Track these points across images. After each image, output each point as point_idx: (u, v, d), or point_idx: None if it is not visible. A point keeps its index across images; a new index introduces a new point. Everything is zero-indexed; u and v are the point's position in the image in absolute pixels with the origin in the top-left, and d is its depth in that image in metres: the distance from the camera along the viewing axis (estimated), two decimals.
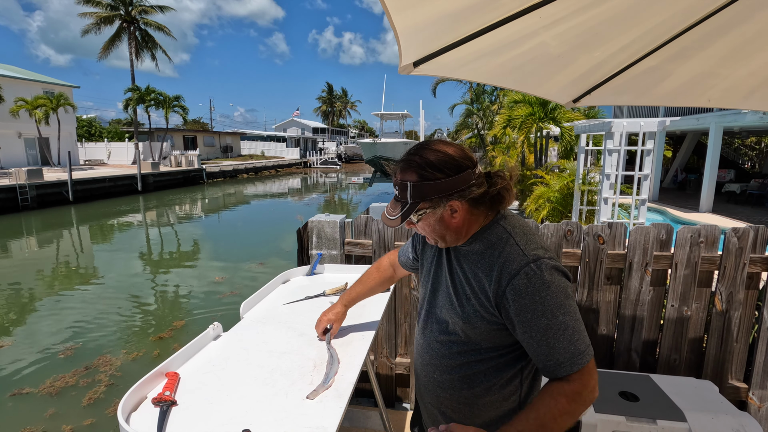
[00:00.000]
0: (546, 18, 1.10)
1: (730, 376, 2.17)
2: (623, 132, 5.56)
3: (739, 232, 2.04)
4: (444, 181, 0.96)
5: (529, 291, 0.91)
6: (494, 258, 0.98)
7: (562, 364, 0.91)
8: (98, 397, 4.56)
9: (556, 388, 0.91)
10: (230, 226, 16.45)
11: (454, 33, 1.13)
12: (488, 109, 26.44)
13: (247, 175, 36.48)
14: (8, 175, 19.16)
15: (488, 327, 1.00)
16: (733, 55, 1.40)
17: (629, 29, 1.27)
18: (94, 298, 7.91)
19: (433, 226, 1.02)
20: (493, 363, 1.05)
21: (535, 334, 0.92)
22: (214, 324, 1.47)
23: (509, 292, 0.93)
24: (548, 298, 0.91)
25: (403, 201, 0.99)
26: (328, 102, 69.59)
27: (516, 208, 13.46)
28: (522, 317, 0.92)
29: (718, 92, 1.62)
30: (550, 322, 0.90)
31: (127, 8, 31.14)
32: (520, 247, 0.97)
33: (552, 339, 0.91)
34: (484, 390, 1.06)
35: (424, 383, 1.18)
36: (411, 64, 1.23)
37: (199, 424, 1.02)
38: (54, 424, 4.14)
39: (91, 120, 40.07)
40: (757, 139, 20.24)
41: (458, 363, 1.07)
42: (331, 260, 2.35)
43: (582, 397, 0.90)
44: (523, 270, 0.93)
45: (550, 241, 2.14)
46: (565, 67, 1.50)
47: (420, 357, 1.18)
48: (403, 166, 1.00)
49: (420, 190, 0.96)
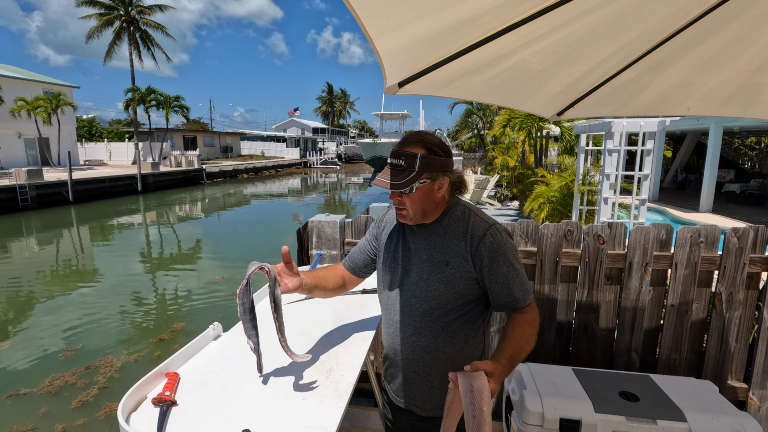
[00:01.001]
0: (524, 36, 1.18)
1: (730, 376, 2.17)
2: (623, 132, 5.56)
3: (739, 232, 2.04)
4: (442, 158, 1.19)
5: (494, 246, 1.19)
6: (465, 226, 1.23)
7: (518, 299, 1.20)
8: (97, 397, 4.55)
9: (518, 320, 1.18)
10: (230, 226, 16.45)
11: (435, 54, 1.21)
12: (488, 108, 26.44)
13: (247, 175, 36.47)
14: (8, 175, 19.17)
15: (464, 283, 1.22)
16: (707, 65, 1.47)
17: (606, 44, 1.35)
18: (94, 298, 7.91)
19: (423, 198, 1.19)
20: (467, 317, 1.26)
21: (500, 279, 1.19)
22: (214, 324, 1.47)
23: (482, 248, 1.19)
24: (507, 251, 1.19)
25: (410, 169, 1.15)
26: (328, 102, 69.60)
27: (516, 208, 13.46)
28: (491, 266, 1.19)
29: (696, 101, 1.69)
30: (509, 269, 1.19)
31: (126, 8, 31.15)
32: (480, 217, 1.24)
33: (511, 281, 1.19)
34: (462, 342, 1.27)
35: (407, 355, 1.31)
36: (396, 85, 1.33)
37: (199, 424, 1.02)
38: (47, 422, 4.14)
39: (91, 120, 40.10)
40: (757, 139, 20.24)
41: (440, 324, 1.25)
42: (331, 260, 2.35)
43: (536, 323, 1.20)
44: (488, 231, 1.20)
45: (550, 241, 2.14)
46: (547, 83, 1.57)
47: (400, 334, 1.31)
48: (412, 140, 1.18)
49: (427, 162, 1.16)
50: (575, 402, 1.62)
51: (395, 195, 1.20)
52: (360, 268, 1.47)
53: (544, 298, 2.20)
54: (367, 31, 0.89)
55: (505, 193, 15.32)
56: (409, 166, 1.15)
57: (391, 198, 1.21)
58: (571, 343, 2.26)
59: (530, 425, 1.61)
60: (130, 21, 31.38)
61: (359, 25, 0.85)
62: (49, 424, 4.14)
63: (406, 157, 1.15)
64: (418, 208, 1.20)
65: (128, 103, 30.83)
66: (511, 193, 15.20)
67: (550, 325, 2.23)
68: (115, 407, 4.15)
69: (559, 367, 1.90)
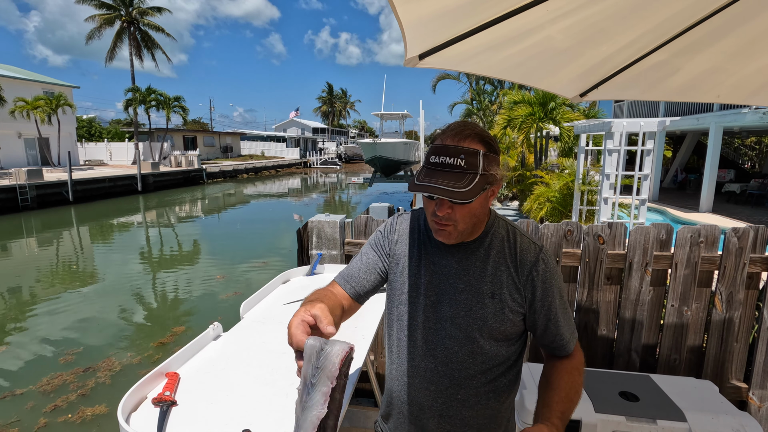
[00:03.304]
0: (552, 12, 1.09)
1: (730, 376, 2.17)
2: (623, 132, 5.55)
3: (739, 232, 2.04)
4: (498, 158, 0.92)
5: (547, 275, 0.97)
6: (512, 248, 0.99)
7: (568, 341, 1.00)
8: (97, 397, 4.55)
9: (566, 366, 0.99)
10: (230, 226, 16.45)
11: (459, 26, 1.13)
12: (488, 109, 26.42)
13: (247, 175, 36.45)
14: (8, 175, 19.16)
15: (512, 320, 0.98)
16: (742, 52, 1.39)
17: (637, 24, 1.26)
18: (94, 298, 7.91)
19: (479, 210, 0.92)
20: (511, 361, 1.02)
21: (552, 315, 0.98)
22: (214, 324, 1.47)
23: (534, 276, 0.96)
24: (559, 282, 0.99)
25: (473, 171, 0.86)
26: (328, 102, 69.58)
27: (516, 208, 13.46)
28: (544, 300, 0.97)
29: (726, 88, 1.61)
30: (561, 302, 0.98)
31: (127, 9, 31.16)
32: (528, 238, 1.00)
33: (561, 318, 0.98)
34: (508, 391, 1.04)
35: (440, 412, 1.01)
36: (416, 57, 1.22)
37: (199, 424, 1.02)
38: (46, 422, 4.14)
39: (91, 120, 40.09)
40: (757, 139, 20.24)
41: (483, 370, 0.99)
42: (331, 260, 2.35)
43: (583, 367, 1.00)
44: (540, 256, 0.97)
45: (550, 241, 2.14)
46: (572, 62, 1.48)
47: (430, 385, 1.01)
48: (466, 132, 0.88)
49: (489, 162, 0.88)
50: None
51: (445, 207, 0.89)
52: (367, 292, 1.12)
53: None
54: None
55: (505, 193, 15.33)
56: (470, 167, 0.85)
57: (439, 212, 0.89)
58: None
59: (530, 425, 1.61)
60: (130, 21, 31.38)
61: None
62: (49, 424, 4.14)
63: (465, 155, 0.85)
64: (470, 223, 0.92)
65: (129, 103, 30.81)
66: (511, 193, 15.22)
67: None
68: (115, 407, 4.13)
69: None
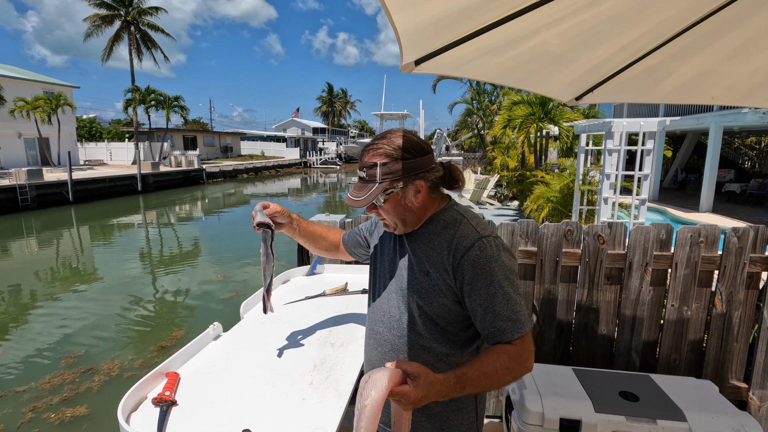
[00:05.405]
0: (547, 17, 1.10)
1: (730, 376, 2.17)
2: (623, 132, 5.55)
3: (739, 232, 2.04)
4: (411, 161, 1.04)
5: (481, 261, 1.00)
6: (451, 234, 1.06)
7: (505, 331, 0.98)
8: (97, 397, 4.55)
9: (499, 347, 0.98)
10: (230, 226, 16.44)
11: (455, 31, 1.13)
12: (488, 108, 26.43)
13: (247, 175, 36.46)
14: (8, 175, 19.16)
15: (444, 299, 1.05)
16: (736, 54, 1.40)
17: (631, 27, 1.27)
18: (94, 298, 7.91)
19: (396, 208, 1.07)
20: (453, 338, 1.09)
21: (483, 301, 1.00)
22: (214, 324, 1.47)
23: (465, 261, 1.01)
24: (497, 269, 1.00)
25: (372, 181, 1.04)
26: (328, 102, 69.59)
27: (516, 208, 13.47)
28: (474, 285, 1.00)
29: (721, 90, 1.61)
30: (497, 291, 0.99)
31: (127, 9, 31.17)
32: (472, 225, 1.07)
33: (497, 306, 0.99)
34: (447, 367, 1.08)
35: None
36: (412, 63, 1.22)
37: (199, 424, 1.02)
38: (46, 422, 4.14)
39: (91, 120, 40.10)
40: (757, 139, 20.24)
41: (421, 342, 1.09)
42: (331, 260, 2.35)
43: (522, 359, 0.97)
44: (477, 243, 1.01)
45: (550, 241, 2.14)
46: (567, 66, 1.49)
47: (378, 347, 1.16)
48: (372, 149, 1.06)
49: (389, 170, 1.03)
50: (575, 402, 1.62)
51: (370, 208, 1.09)
52: (350, 246, 1.42)
53: (544, 298, 2.20)
54: (386, 5, 0.84)
55: (505, 193, 15.35)
56: (370, 177, 1.04)
57: (367, 212, 1.12)
58: (571, 343, 2.26)
59: (530, 425, 1.61)
60: (130, 21, 31.39)
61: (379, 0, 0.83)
62: (48, 424, 4.14)
63: (366, 168, 1.04)
64: (396, 218, 1.10)
65: (128, 103, 30.82)
66: (511, 192, 15.23)
67: (550, 325, 2.23)
68: (115, 407, 4.13)
69: (559, 366, 1.90)
